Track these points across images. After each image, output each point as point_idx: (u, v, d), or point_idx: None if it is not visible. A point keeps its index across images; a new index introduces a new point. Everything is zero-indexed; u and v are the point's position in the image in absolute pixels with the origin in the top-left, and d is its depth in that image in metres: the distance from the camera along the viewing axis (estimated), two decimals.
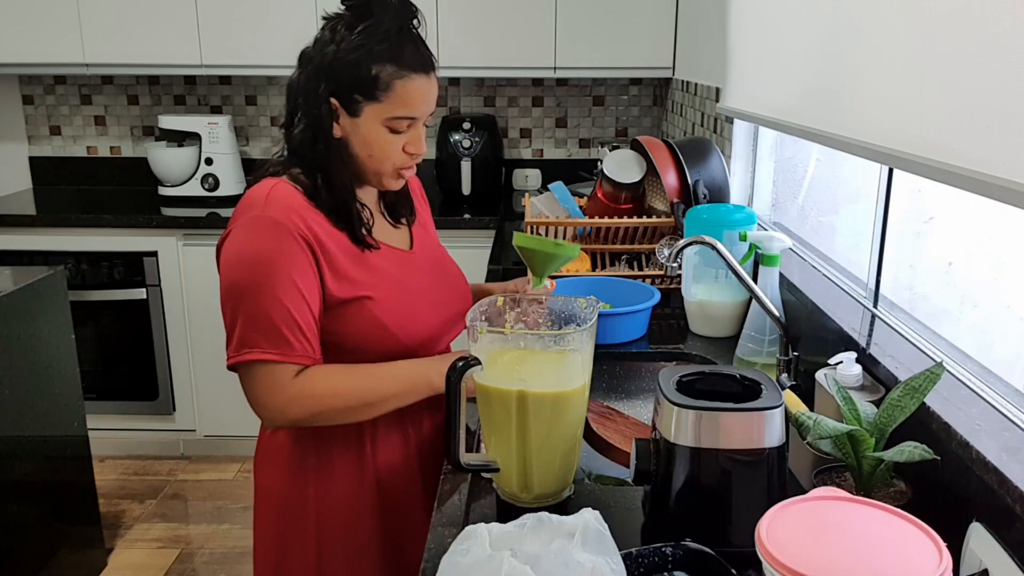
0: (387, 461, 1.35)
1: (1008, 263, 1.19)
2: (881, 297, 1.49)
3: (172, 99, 3.64)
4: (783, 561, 0.79)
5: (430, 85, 1.26)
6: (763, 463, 1.02)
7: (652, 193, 2.28)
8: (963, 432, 0.97)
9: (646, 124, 3.63)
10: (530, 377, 1.08)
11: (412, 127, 1.26)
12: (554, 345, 1.12)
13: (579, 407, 1.12)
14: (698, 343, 1.77)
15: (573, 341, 1.10)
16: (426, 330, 1.34)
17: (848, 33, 1.40)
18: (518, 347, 1.12)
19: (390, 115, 1.23)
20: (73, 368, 2.43)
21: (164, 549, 2.77)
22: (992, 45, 0.96)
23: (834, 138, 1.42)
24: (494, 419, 1.11)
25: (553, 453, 1.10)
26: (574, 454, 1.14)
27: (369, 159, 1.26)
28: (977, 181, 0.97)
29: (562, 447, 1.11)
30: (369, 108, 1.23)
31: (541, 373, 1.09)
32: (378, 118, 1.23)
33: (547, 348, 1.12)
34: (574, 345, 1.10)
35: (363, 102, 1.22)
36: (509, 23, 3.14)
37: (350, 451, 1.33)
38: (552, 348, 1.11)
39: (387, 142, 1.25)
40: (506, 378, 1.09)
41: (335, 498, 1.33)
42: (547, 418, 1.08)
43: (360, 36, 1.21)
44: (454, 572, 0.85)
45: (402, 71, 1.21)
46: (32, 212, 3.23)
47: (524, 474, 1.11)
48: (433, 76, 1.26)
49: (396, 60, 1.21)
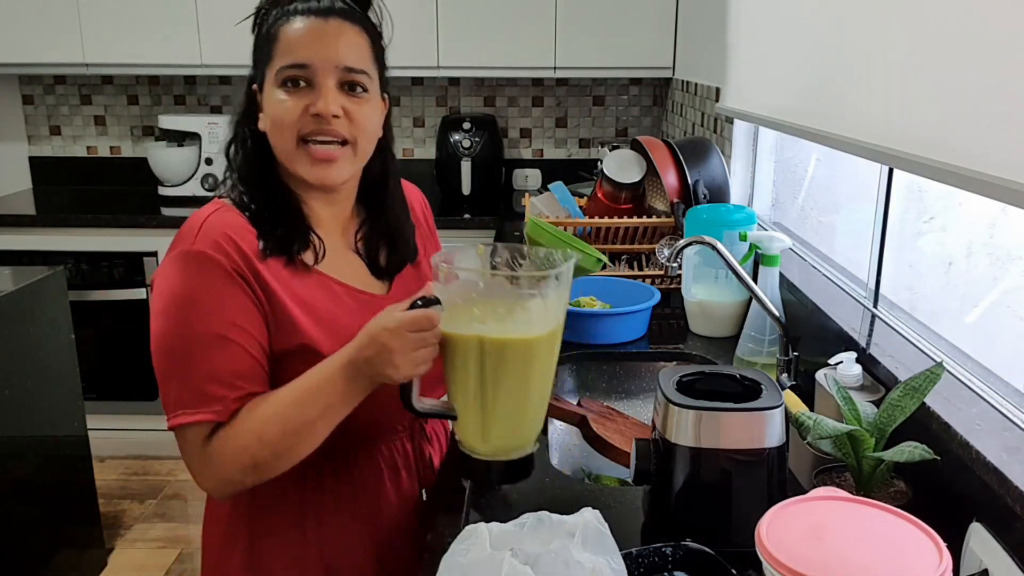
0: (333, 544, 1.17)
1: (1008, 263, 1.19)
2: (881, 297, 1.49)
3: (172, 99, 3.64)
4: (783, 561, 0.79)
5: (327, 28, 1.07)
6: (763, 463, 1.02)
7: (652, 193, 2.28)
8: (963, 432, 0.97)
9: (646, 124, 3.63)
10: (490, 322, 1.00)
11: (313, 83, 1.06)
12: (518, 289, 1.02)
13: (543, 358, 1.03)
14: (698, 343, 1.77)
15: (536, 285, 1.01)
16: (389, 397, 1.04)
17: (848, 33, 1.40)
18: (480, 291, 1.03)
19: (278, 66, 1.07)
20: (73, 368, 2.43)
21: (164, 549, 2.77)
22: (992, 45, 0.96)
23: (834, 138, 1.42)
24: (454, 365, 1.02)
25: (513, 404, 1.03)
26: (538, 410, 1.06)
27: (271, 134, 1.08)
28: (977, 181, 0.97)
29: (523, 399, 1.03)
30: (268, 73, 1.08)
31: (502, 318, 1.00)
32: (271, 79, 1.07)
33: (509, 294, 1.02)
34: (537, 290, 1.00)
35: (264, 70, 1.09)
36: (509, 23, 3.13)
37: (290, 530, 1.15)
38: (516, 293, 1.02)
39: (280, 104, 1.06)
40: (465, 323, 1.00)
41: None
42: (507, 366, 1.00)
43: (263, 5, 1.13)
44: (454, 572, 0.85)
45: (288, 17, 1.08)
46: (32, 212, 3.23)
47: (482, 425, 1.03)
48: (336, 21, 1.08)
49: (283, 9, 1.09)
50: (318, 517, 1.16)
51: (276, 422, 1.01)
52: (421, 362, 0.98)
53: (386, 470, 1.20)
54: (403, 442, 1.22)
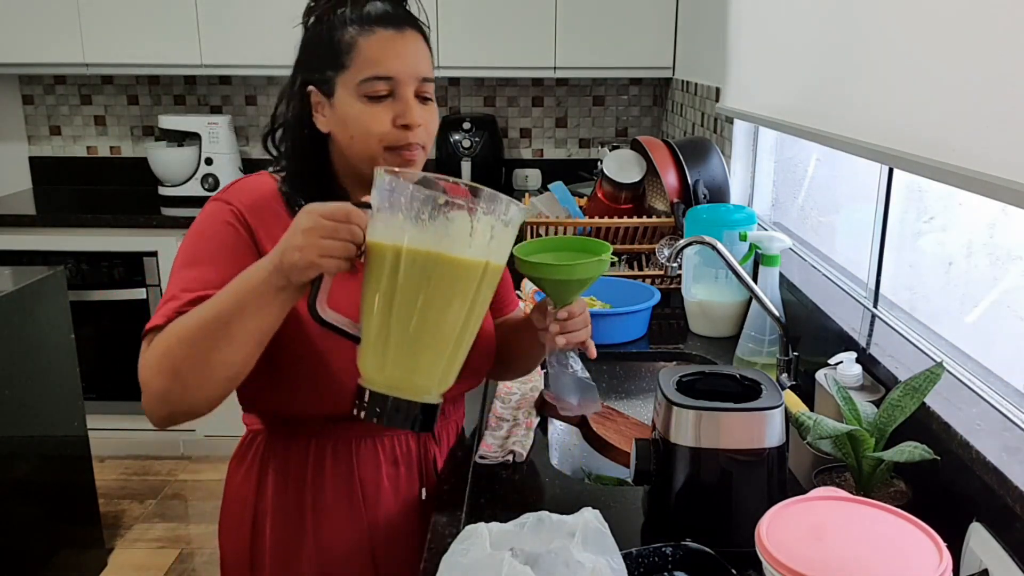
0: (328, 534, 1.19)
1: (1008, 263, 1.19)
2: (881, 297, 1.49)
3: (172, 99, 3.64)
4: (783, 561, 0.79)
5: (405, 41, 1.11)
6: (763, 463, 1.02)
7: (652, 193, 2.28)
8: (963, 432, 0.97)
9: (646, 124, 3.63)
10: (411, 230, 0.93)
11: (397, 95, 1.10)
12: (451, 206, 0.93)
13: (460, 289, 0.95)
14: (698, 343, 1.77)
15: (468, 196, 0.93)
16: None
17: (848, 33, 1.40)
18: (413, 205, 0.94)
19: (361, 78, 1.08)
20: (73, 368, 2.43)
21: (164, 549, 2.77)
22: (992, 45, 0.96)
23: (834, 138, 1.42)
24: (367, 279, 0.96)
25: (418, 332, 0.94)
26: (445, 351, 0.97)
27: (352, 142, 1.11)
28: (977, 181, 0.97)
29: (431, 331, 0.95)
30: (341, 80, 1.10)
31: (424, 227, 0.93)
32: (351, 88, 1.09)
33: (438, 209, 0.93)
34: (464, 200, 0.92)
35: (334, 76, 1.10)
36: (509, 23, 3.14)
37: (290, 517, 1.19)
38: (450, 208, 0.93)
39: (365, 114, 1.09)
40: (387, 233, 0.94)
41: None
42: (414, 282, 0.93)
43: (320, 8, 1.13)
44: (454, 572, 0.85)
45: (364, 26, 1.09)
46: (32, 212, 3.23)
47: (383, 350, 0.95)
48: (410, 33, 1.12)
49: (358, 19, 1.10)
50: (316, 505, 1.18)
51: (195, 321, 0.98)
52: (327, 253, 0.91)
53: (385, 463, 1.20)
54: (407, 438, 1.22)
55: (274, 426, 1.21)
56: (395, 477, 1.21)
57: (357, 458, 1.19)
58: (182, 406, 1.01)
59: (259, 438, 1.22)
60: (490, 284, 0.98)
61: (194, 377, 0.98)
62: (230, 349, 0.97)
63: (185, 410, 1.02)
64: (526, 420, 1.37)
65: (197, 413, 1.02)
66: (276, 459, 1.20)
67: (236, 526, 1.22)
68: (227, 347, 0.97)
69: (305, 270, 0.92)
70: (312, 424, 1.18)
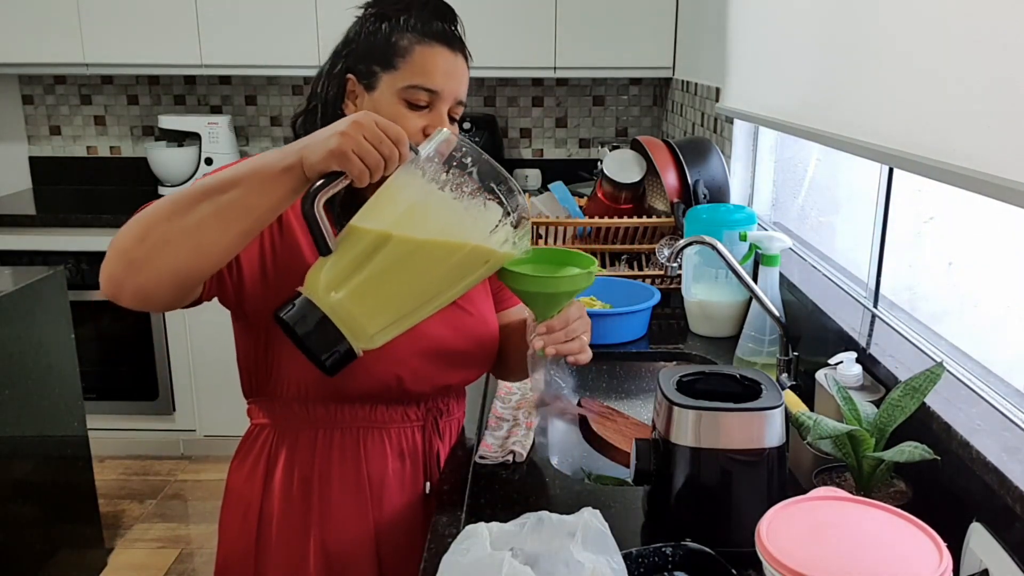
0: (333, 524, 1.20)
1: (1008, 263, 1.19)
2: (881, 297, 1.49)
3: (172, 99, 3.64)
4: (783, 561, 0.79)
5: (456, 62, 1.15)
6: (763, 463, 1.02)
7: (652, 193, 2.28)
8: (963, 432, 0.97)
9: (646, 124, 3.63)
10: (446, 198, 0.94)
11: (434, 108, 1.13)
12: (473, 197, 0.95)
13: (460, 269, 0.97)
14: (698, 343, 1.77)
15: (513, 213, 0.96)
16: (401, 383, 1.17)
17: (848, 33, 1.40)
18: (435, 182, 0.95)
19: (408, 83, 1.12)
20: (73, 368, 2.43)
21: (164, 549, 2.77)
22: (992, 45, 0.96)
23: (834, 138, 1.42)
24: (374, 210, 0.96)
25: (397, 283, 0.94)
26: (407, 315, 0.97)
27: None
28: (977, 181, 0.97)
29: (409, 288, 0.95)
30: (386, 78, 1.12)
31: (459, 204, 0.95)
32: (394, 89, 1.12)
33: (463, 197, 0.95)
34: (509, 213, 0.95)
35: (380, 72, 1.12)
36: (509, 23, 3.13)
37: (296, 509, 1.20)
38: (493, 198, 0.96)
39: (401, 116, 1.11)
40: (423, 184, 0.95)
41: None
42: (421, 241, 0.94)
43: (381, 6, 1.16)
44: (454, 572, 0.85)
45: (424, 38, 1.13)
46: (32, 212, 3.23)
47: (348, 274, 0.93)
48: (461, 58, 1.17)
49: (418, 28, 1.13)
50: (323, 500, 1.19)
51: (186, 189, 0.94)
52: (360, 153, 0.90)
53: (391, 455, 1.22)
54: (413, 431, 1.24)
55: (281, 417, 1.21)
56: (400, 471, 1.23)
57: (364, 451, 1.20)
58: (134, 271, 0.93)
59: (264, 432, 1.22)
60: (477, 280, 0.99)
61: (161, 238, 0.91)
62: (207, 219, 0.92)
63: (136, 280, 0.93)
64: (526, 420, 1.37)
65: (143, 290, 0.94)
66: (282, 453, 1.20)
67: (240, 526, 1.22)
68: (206, 214, 0.91)
69: (329, 158, 0.90)
70: (319, 408, 1.18)
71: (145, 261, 0.92)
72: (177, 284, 0.95)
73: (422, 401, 1.24)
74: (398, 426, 1.22)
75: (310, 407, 1.19)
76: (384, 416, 1.21)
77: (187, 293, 0.99)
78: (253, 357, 1.19)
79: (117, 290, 0.94)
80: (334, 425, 1.19)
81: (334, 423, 1.19)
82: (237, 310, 1.15)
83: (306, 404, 1.18)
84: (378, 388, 1.17)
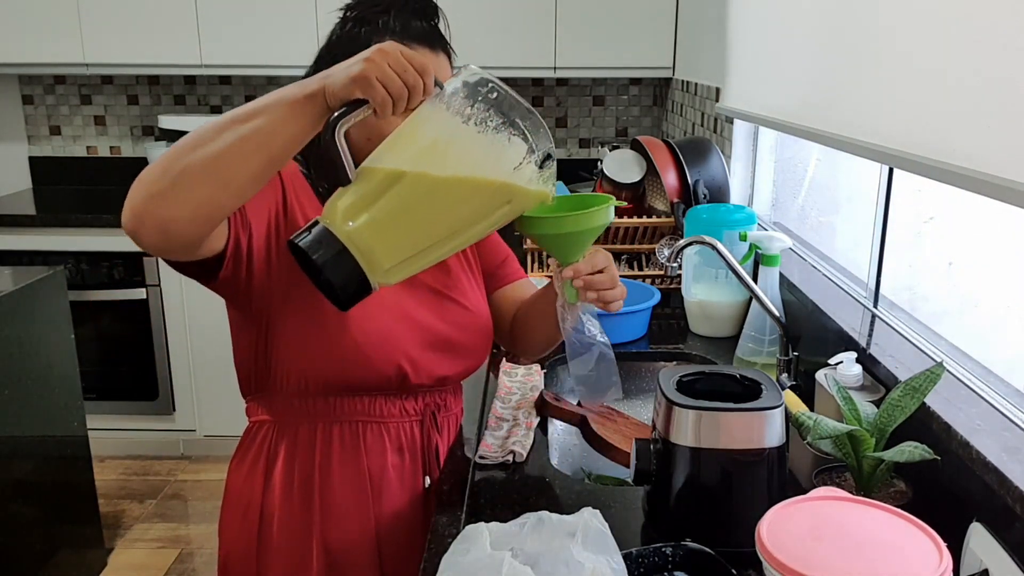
0: (335, 519, 1.21)
1: (1008, 263, 1.19)
2: (881, 297, 1.49)
3: (172, 99, 3.64)
4: (783, 561, 0.79)
5: (438, 62, 1.14)
6: (763, 463, 1.02)
7: (652, 193, 2.28)
8: (963, 432, 0.97)
9: (646, 124, 3.63)
10: (471, 131, 0.93)
11: None
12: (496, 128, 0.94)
13: (479, 205, 0.96)
14: (698, 343, 1.77)
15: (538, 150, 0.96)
16: (401, 378, 1.19)
17: (848, 33, 1.40)
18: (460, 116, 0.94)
19: None
20: (73, 368, 2.43)
21: (164, 549, 2.77)
22: (992, 45, 0.96)
23: (834, 138, 1.42)
24: (397, 144, 0.95)
25: (416, 216, 0.93)
26: (425, 252, 0.96)
27: (367, 144, 1.08)
28: (977, 181, 0.97)
29: (429, 222, 0.94)
30: None
31: (483, 138, 0.94)
32: None
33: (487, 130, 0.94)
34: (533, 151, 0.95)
35: None
36: (509, 23, 3.13)
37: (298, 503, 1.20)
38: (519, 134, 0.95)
39: (386, 123, 1.08)
40: (448, 118, 0.93)
41: None
42: (442, 176, 0.93)
43: (360, 9, 1.15)
44: (454, 572, 0.85)
45: (404, 40, 1.10)
46: (32, 212, 3.23)
47: (367, 204, 0.92)
48: (443, 56, 1.16)
49: (397, 30, 1.12)
50: (324, 496, 1.19)
51: (209, 123, 0.94)
52: (384, 80, 0.90)
53: (390, 451, 1.22)
54: (412, 426, 1.24)
55: (280, 412, 1.21)
56: (400, 466, 1.23)
57: (364, 445, 1.20)
58: (156, 204, 0.91)
59: (264, 428, 1.22)
60: (498, 222, 0.97)
61: (183, 169, 0.90)
62: (229, 149, 0.91)
63: (158, 212, 0.91)
64: (526, 420, 1.37)
65: (164, 223, 0.91)
66: (282, 449, 1.20)
67: (241, 526, 1.23)
68: (228, 144, 0.91)
69: (352, 84, 0.89)
70: (319, 402, 1.19)
71: (167, 193, 0.90)
72: (199, 218, 0.93)
73: (420, 395, 1.24)
74: (397, 420, 1.23)
75: (310, 401, 1.19)
76: (383, 410, 1.21)
77: (207, 232, 0.96)
78: (252, 352, 1.19)
79: (138, 224, 0.92)
80: (333, 419, 1.19)
81: (333, 417, 1.19)
82: (245, 294, 1.13)
83: (306, 398, 1.18)
84: (379, 380, 1.18)
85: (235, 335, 1.22)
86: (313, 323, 1.14)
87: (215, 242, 1.02)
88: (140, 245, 0.94)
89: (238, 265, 1.07)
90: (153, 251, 0.95)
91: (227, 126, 0.91)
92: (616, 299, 1.11)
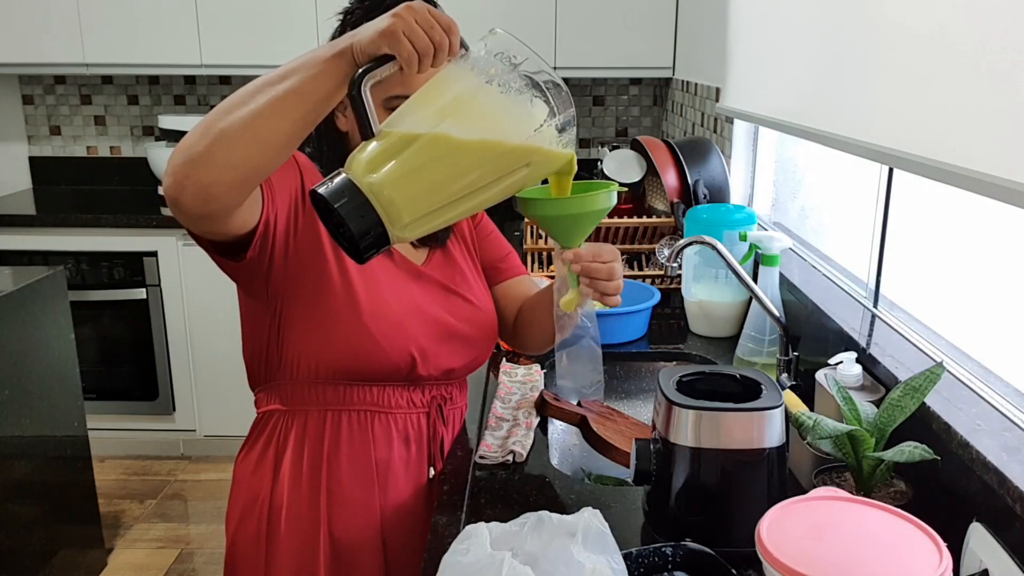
0: (346, 534, 1.23)
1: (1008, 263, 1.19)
2: (881, 297, 1.49)
3: (172, 99, 3.64)
4: (783, 561, 0.79)
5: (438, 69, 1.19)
6: (763, 463, 1.02)
7: (652, 193, 2.28)
8: (963, 432, 0.97)
9: (646, 124, 3.63)
10: (493, 92, 0.94)
11: None
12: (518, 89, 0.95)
13: (497, 166, 0.95)
14: (698, 343, 1.77)
15: (560, 113, 0.95)
16: (407, 370, 1.22)
17: (848, 33, 1.40)
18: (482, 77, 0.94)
19: (389, 94, 1.14)
20: (73, 368, 2.43)
21: (164, 549, 2.77)
22: (992, 45, 0.96)
23: (834, 138, 1.42)
24: (423, 101, 0.96)
25: (438, 172, 0.93)
26: (444, 208, 0.95)
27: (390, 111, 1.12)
28: (977, 181, 0.97)
29: (449, 179, 0.94)
30: None
31: (505, 99, 0.94)
32: (377, 101, 1.10)
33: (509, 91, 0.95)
34: (555, 113, 0.94)
35: None
36: (509, 23, 3.12)
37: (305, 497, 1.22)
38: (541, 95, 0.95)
39: (411, 82, 1.10)
40: (472, 77, 0.94)
41: None
42: (464, 134, 0.93)
43: (362, 12, 1.16)
44: (454, 572, 0.85)
45: None
46: (32, 212, 3.23)
47: (390, 155, 0.92)
48: None
49: None
50: (331, 486, 1.21)
51: (244, 87, 0.97)
52: (411, 36, 0.91)
53: (397, 440, 1.24)
54: (418, 417, 1.27)
55: (291, 400, 1.22)
56: (405, 457, 1.25)
57: (372, 434, 1.22)
58: (196, 167, 0.93)
59: (273, 418, 1.24)
60: (517, 185, 0.97)
61: (220, 132, 0.93)
62: (264, 109, 0.94)
63: (198, 175, 0.94)
64: (526, 420, 1.38)
65: (204, 187, 0.94)
66: (291, 437, 1.22)
67: (249, 517, 1.24)
68: (263, 104, 0.94)
69: (379, 38, 0.90)
70: (329, 390, 1.20)
71: (206, 155, 0.93)
72: (238, 180, 0.95)
73: (427, 387, 1.27)
74: (404, 412, 1.25)
75: (320, 389, 1.20)
76: (391, 400, 1.23)
77: (245, 195, 0.98)
78: (264, 340, 1.21)
79: (179, 189, 0.94)
80: (343, 408, 1.21)
81: (343, 405, 1.21)
82: (264, 278, 1.15)
83: (316, 385, 1.20)
84: (389, 368, 1.20)
85: (246, 325, 1.24)
86: (326, 309, 1.16)
87: (250, 216, 1.04)
88: (181, 212, 0.96)
89: (264, 245, 1.10)
90: (194, 218, 0.97)
91: (261, 89, 0.94)
92: (612, 292, 1.11)
